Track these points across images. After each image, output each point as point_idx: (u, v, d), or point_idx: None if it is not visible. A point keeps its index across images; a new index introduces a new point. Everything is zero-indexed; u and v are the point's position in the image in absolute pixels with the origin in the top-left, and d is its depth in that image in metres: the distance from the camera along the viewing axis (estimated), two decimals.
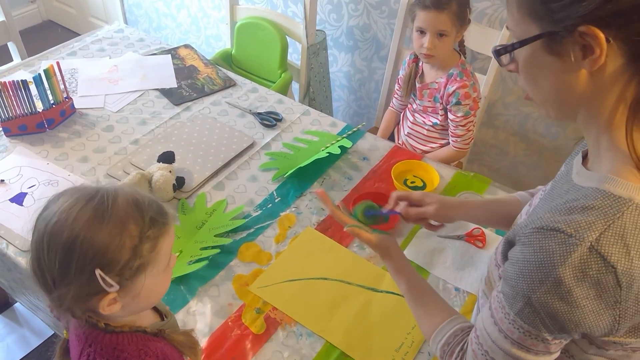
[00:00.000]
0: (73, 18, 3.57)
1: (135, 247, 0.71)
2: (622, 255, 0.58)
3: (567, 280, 0.60)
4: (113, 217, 0.71)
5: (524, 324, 0.66)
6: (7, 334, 1.87)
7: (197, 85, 1.82)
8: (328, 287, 1.20)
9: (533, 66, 0.66)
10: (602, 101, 0.63)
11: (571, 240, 0.60)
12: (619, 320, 0.61)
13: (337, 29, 2.41)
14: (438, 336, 0.84)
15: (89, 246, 0.69)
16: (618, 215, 0.59)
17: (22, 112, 1.53)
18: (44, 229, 0.70)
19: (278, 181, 1.46)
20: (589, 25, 0.57)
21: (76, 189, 0.74)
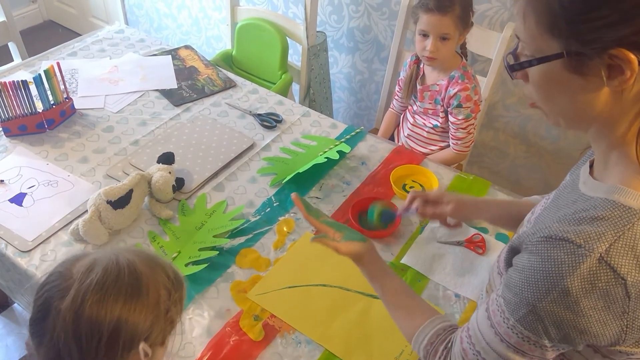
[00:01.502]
0: (74, 18, 3.57)
1: (169, 311, 0.71)
2: (633, 267, 0.58)
3: (574, 291, 0.60)
4: (151, 285, 0.69)
5: (524, 330, 0.66)
6: (6, 334, 1.87)
7: (197, 86, 1.82)
8: (327, 293, 1.19)
9: (550, 82, 0.65)
10: (620, 118, 0.63)
11: (580, 251, 0.59)
12: (626, 330, 0.61)
13: (338, 31, 2.41)
14: (420, 337, 0.83)
15: (136, 321, 0.66)
16: (628, 227, 0.59)
17: (22, 112, 1.53)
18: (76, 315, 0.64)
19: (276, 186, 1.46)
20: (621, 48, 0.57)
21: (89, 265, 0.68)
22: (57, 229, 1.29)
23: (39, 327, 0.67)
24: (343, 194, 1.45)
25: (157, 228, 1.32)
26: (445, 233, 1.33)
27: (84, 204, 1.34)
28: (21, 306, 1.58)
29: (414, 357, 1.08)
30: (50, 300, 0.66)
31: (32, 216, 1.32)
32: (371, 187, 1.47)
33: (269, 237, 1.32)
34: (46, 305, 0.66)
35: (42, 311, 0.67)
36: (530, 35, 0.63)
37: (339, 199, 1.43)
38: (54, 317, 0.65)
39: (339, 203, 1.42)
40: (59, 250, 1.25)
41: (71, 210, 1.34)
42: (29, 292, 1.30)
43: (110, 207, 1.24)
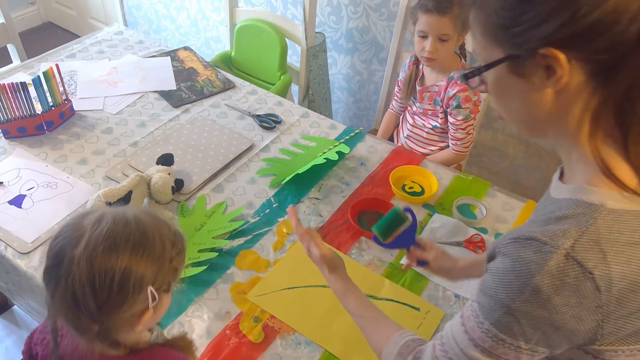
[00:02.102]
0: (73, 20, 3.57)
1: (172, 260, 0.76)
2: (599, 260, 0.59)
3: (545, 289, 0.60)
4: (156, 235, 0.74)
5: (499, 333, 0.66)
6: (6, 335, 1.87)
7: (196, 87, 1.82)
8: (327, 294, 1.19)
9: (501, 88, 0.69)
10: (568, 117, 0.65)
11: (546, 248, 0.60)
12: (602, 325, 0.62)
13: (337, 31, 2.41)
14: (390, 347, 0.85)
15: (144, 267, 0.71)
16: (591, 222, 0.61)
17: (21, 114, 1.53)
18: (89, 260, 0.69)
19: (276, 187, 1.46)
20: (548, 47, 0.60)
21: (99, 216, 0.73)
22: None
23: (54, 274, 0.71)
24: (342, 194, 1.45)
25: None
26: (444, 233, 1.33)
27: (83, 205, 1.34)
28: (21, 308, 1.58)
29: None
30: (64, 248, 0.71)
31: (32, 218, 1.32)
32: (370, 188, 1.47)
33: (268, 238, 1.32)
34: (60, 254, 0.71)
35: (57, 259, 0.71)
36: (480, 46, 0.68)
37: (338, 199, 1.43)
38: (69, 263, 0.69)
39: (338, 204, 1.42)
40: None
41: (70, 211, 1.34)
42: (28, 295, 1.31)
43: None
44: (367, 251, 1.30)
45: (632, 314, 0.62)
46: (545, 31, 0.59)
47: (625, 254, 0.60)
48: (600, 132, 0.63)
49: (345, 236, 1.33)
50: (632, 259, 0.60)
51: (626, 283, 0.60)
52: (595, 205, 0.62)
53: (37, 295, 1.27)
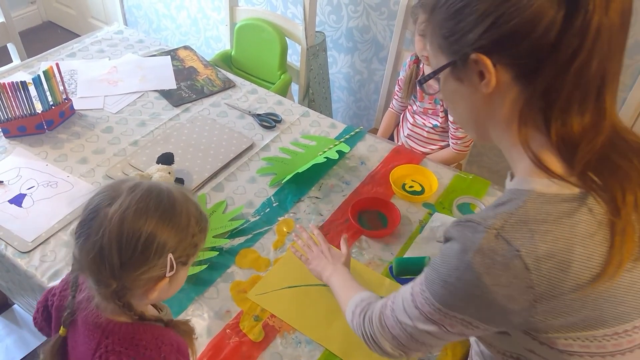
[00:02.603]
0: (73, 19, 3.57)
1: (194, 236, 0.81)
2: (526, 239, 0.63)
3: (477, 266, 0.65)
4: (183, 210, 0.79)
5: (435, 302, 0.72)
6: (6, 335, 1.87)
7: (196, 86, 1.82)
8: (327, 293, 1.19)
9: (447, 92, 0.76)
10: (501, 117, 0.71)
11: (479, 228, 0.66)
12: (535, 305, 0.64)
13: (337, 31, 2.41)
14: (349, 306, 0.96)
15: (168, 235, 0.76)
16: (521, 205, 0.65)
17: (21, 113, 1.53)
18: (121, 218, 0.73)
19: (276, 186, 1.46)
20: (477, 53, 0.66)
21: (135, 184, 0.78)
22: (57, 230, 1.29)
23: (87, 226, 0.75)
24: (342, 193, 1.45)
25: None
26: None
27: (83, 205, 1.34)
28: (21, 307, 1.58)
29: (414, 357, 1.09)
30: (100, 205, 0.76)
31: (32, 217, 1.32)
32: (370, 187, 1.47)
33: (268, 237, 1.32)
34: (96, 209, 0.76)
35: (92, 213, 0.76)
36: (432, 55, 0.75)
37: (338, 198, 1.43)
38: (102, 219, 0.74)
39: (338, 203, 1.42)
40: (58, 251, 1.25)
41: (71, 211, 1.34)
42: (29, 293, 1.31)
43: None
44: (368, 250, 1.30)
45: (564, 295, 0.63)
46: (473, 38, 0.66)
47: (553, 233, 0.63)
48: (529, 128, 0.68)
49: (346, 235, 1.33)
50: (559, 238, 0.63)
51: (554, 262, 0.63)
52: (526, 191, 0.67)
53: (37, 295, 1.27)
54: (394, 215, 1.35)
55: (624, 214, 0.64)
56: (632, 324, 0.67)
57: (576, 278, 0.63)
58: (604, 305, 0.65)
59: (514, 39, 0.63)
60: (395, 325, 0.81)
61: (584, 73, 0.63)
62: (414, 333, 0.78)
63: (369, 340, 0.88)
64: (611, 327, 0.66)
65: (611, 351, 0.68)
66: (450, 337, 0.75)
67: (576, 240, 0.63)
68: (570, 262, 0.63)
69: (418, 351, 0.82)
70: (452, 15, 0.68)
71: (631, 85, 1.79)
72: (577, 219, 0.64)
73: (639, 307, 0.67)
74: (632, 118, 1.83)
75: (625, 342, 0.68)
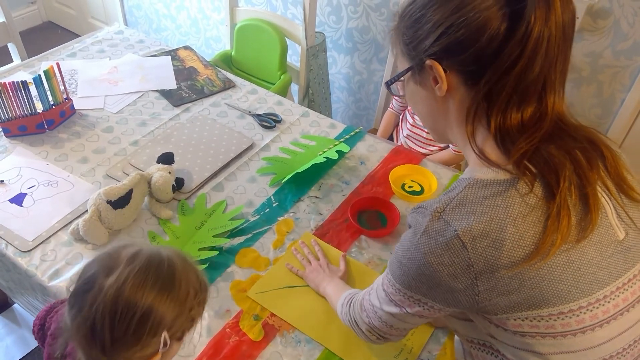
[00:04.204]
0: (73, 19, 3.57)
1: (192, 309, 0.78)
2: (464, 220, 0.69)
3: (422, 247, 0.72)
4: (183, 282, 0.76)
5: (395, 283, 0.79)
6: (6, 334, 1.87)
7: (196, 86, 1.83)
8: None
9: (409, 95, 0.83)
10: (455, 118, 0.78)
11: (426, 212, 0.73)
12: (476, 282, 0.70)
13: (337, 31, 2.41)
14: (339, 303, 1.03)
15: (165, 310, 0.73)
16: (461, 190, 0.72)
17: (22, 112, 1.54)
18: (117, 293, 0.70)
19: (276, 186, 1.47)
20: (431, 59, 0.73)
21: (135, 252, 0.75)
22: (57, 229, 1.30)
23: (82, 298, 0.72)
24: (342, 193, 1.46)
25: (157, 228, 1.33)
26: None
27: (84, 204, 1.35)
28: (21, 306, 1.58)
29: (413, 355, 1.09)
30: (97, 275, 0.73)
31: (32, 216, 1.32)
32: (370, 187, 1.47)
33: (268, 237, 1.33)
34: (92, 280, 0.73)
35: (87, 284, 0.73)
36: (398, 61, 0.82)
37: (338, 198, 1.44)
38: (97, 292, 0.71)
39: (338, 202, 1.42)
40: (59, 250, 1.25)
41: (71, 210, 1.34)
42: (29, 293, 1.31)
43: (110, 207, 1.25)
44: (367, 250, 1.30)
45: (500, 272, 0.69)
46: (427, 45, 0.73)
47: (487, 214, 0.69)
48: (475, 125, 0.75)
49: (345, 235, 1.34)
50: (493, 218, 0.68)
51: (489, 240, 0.68)
52: (467, 178, 0.74)
53: (37, 294, 1.27)
54: (394, 215, 1.36)
55: (558, 198, 0.68)
56: (577, 304, 0.70)
57: (509, 256, 0.68)
58: (543, 284, 0.69)
59: (462, 47, 0.70)
60: (369, 308, 0.88)
61: (525, 78, 0.69)
62: (382, 316, 0.85)
63: (353, 324, 0.95)
64: (555, 307, 0.70)
65: (561, 331, 0.71)
66: (411, 320, 0.82)
67: (509, 221, 0.68)
68: (503, 240, 0.68)
69: (390, 335, 0.89)
70: (412, 24, 0.75)
71: (630, 86, 1.79)
72: (510, 201, 0.69)
73: (580, 287, 0.70)
74: (631, 119, 1.84)
75: (573, 323, 0.71)
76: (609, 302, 0.72)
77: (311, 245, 1.29)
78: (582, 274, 0.70)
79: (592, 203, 0.70)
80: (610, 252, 0.72)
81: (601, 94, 1.87)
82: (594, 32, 1.77)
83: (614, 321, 0.72)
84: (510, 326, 0.72)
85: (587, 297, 0.70)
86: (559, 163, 0.70)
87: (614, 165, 0.75)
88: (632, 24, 1.70)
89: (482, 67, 0.70)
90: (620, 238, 0.73)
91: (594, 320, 0.71)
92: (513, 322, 0.72)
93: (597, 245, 0.71)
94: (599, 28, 1.75)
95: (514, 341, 0.73)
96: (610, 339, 0.73)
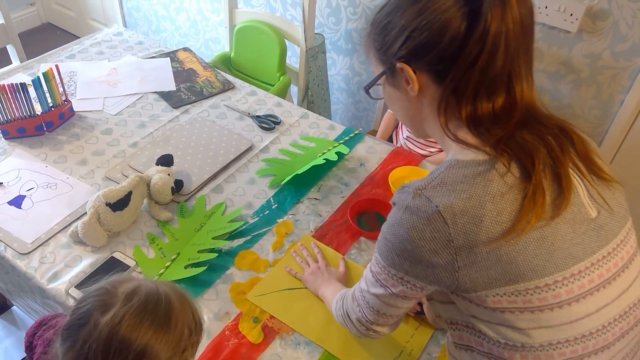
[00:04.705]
0: (72, 21, 3.57)
1: (185, 351, 0.76)
2: (444, 196, 0.73)
3: (405, 222, 0.75)
4: (179, 322, 0.75)
5: (380, 260, 0.82)
6: (5, 336, 1.87)
7: (195, 88, 1.82)
8: None
9: (386, 97, 0.87)
10: (429, 114, 0.82)
11: (409, 190, 0.77)
12: (456, 258, 0.73)
13: (336, 33, 2.41)
14: (334, 301, 1.04)
15: (158, 352, 0.71)
16: (443, 170, 0.76)
17: (20, 114, 1.54)
18: (111, 332, 0.69)
19: (275, 187, 1.47)
20: (401, 62, 0.78)
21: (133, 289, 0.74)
22: (56, 231, 1.29)
23: (75, 333, 0.70)
24: (341, 195, 1.45)
25: (156, 230, 1.33)
26: None
27: (83, 206, 1.34)
28: (20, 308, 1.58)
29: (413, 357, 1.09)
30: (92, 311, 0.71)
31: (31, 218, 1.32)
32: (369, 188, 1.47)
33: (267, 239, 1.33)
34: (87, 315, 0.71)
35: (82, 319, 0.71)
36: (373, 66, 0.86)
37: (337, 200, 1.44)
38: (92, 328, 0.69)
39: (337, 204, 1.42)
40: (58, 253, 1.25)
41: (70, 212, 1.34)
42: (28, 295, 1.31)
43: (109, 209, 1.25)
44: (367, 251, 1.30)
45: (479, 247, 0.72)
46: (396, 49, 0.77)
47: (467, 192, 0.72)
48: (447, 116, 0.78)
49: (345, 236, 1.33)
50: (472, 196, 0.72)
51: (469, 217, 0.72)
52: (448, 160, 0.78)
53: (36, 296, 1.27)
54: None
55: (534, 179, 0.72)
56: (552, 278, 0.73)
57: (488, 232, 0.71)
58: (519, 259, 0.72)
59: (427, 49, 0.74)
60: (359, 295, 0.91)
61: (488, 71, 0.73)
62: (370, 300, 0.87)
63: (345, 317, 0.97)
64: (531, 281, 0.72)
65: (538, 306, 0.73)
66: (396, 302, 0.84)
67: (487, 198, 0.72)
68: (482, 216, 0.71)
69: (377, 325, 0.90)
70: (381, 30, 0.80)
71: (629, 87, 1.79)
72: (489, 180, 0.73)
73: (555, 261, 0.73)
74: (630, 120, 1.84)
75: (550, 297, 0.73)
76: (584, 277, 0.74)
77: (310, 248, 1.29)
78: (556, 249, 0.73)
79: (565, 183, 0.74)
80: (584, 229, 0.75)
81: (600, 96, 1.87)
82: (593, 34, 1.77)
83: (590, 297, 0.74)
84: (490, 303, 0.74)
85: (562, 272, 0.73)
86: (533, 147, 0.75)
87: (583, 149, 0.79)
88: (631, 26, 1.70)
89: (447, 66, 0.75)
90: (592, 216, 0.76)
91: (570, 294, 0.73)
92: (492, 299, 0.74)
93: (570, 222, 0.74)
94: (598, 29, 1.75)
95: (494, 318, 0.75)
96: (588, 315, 0.75)
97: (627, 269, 0.78)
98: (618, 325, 0.77)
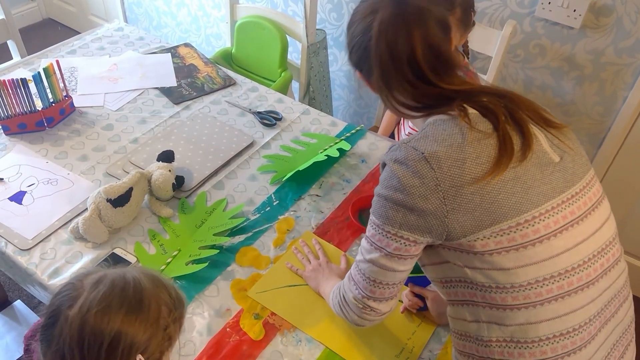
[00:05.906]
0: (73, 16, 3.56)
1: (167, 328, 0.75)
2: (429, 145, 0.84)
3: (396, 172, 0.84)
4: (152, 300, 0.74)
5: (375, 220, 0.87)
6: (6, 332, 1.87)
7: (197, 84, 1.82)
8: None
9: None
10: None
11: (395, 146, 0.87)
12: (445, 202, 0.81)
13: (338, 28, 2.40)
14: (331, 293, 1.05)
15: (135, 333, 0.70)
16: (425, 128, 0.88)
17: (21, 110, 1.53)
18: (82, 322, 0.68)
19: (276, 184, 1.46)
20: (355, 69, 0.98)
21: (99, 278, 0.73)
22: (57, 227, 1.29)
23: (49, 333, 0.70)
24: (343, 191, 1.45)
25: (157, 226, 1.32)
26: None
27: (83, 202, 1.34)
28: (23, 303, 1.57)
29: (414, 355, 1.09)
30: (61, 307, 0.71)
31: (32, 214, 1.32)
32: (371, 185, 1.47)
33: (269, 235, 1.32)
34: (56, 313, 0.71)
35: (52, 318, 0.71)
36: None
37: (339, 196, 1.43)
38: (62, 324, 0.69)
39: (339, 201, 1.42)
40: (58, 249, 1.25)
41: (71, 208, 1.34)
42: (30, 289, 1.30)
43: (110, 206, 1.24)
44: None
45: (464, 188, 0.81)
46: (349, 59, 0.98)
47: (448, 140, 0.84)
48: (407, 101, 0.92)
49: (346, 233, 1.33)
50: (453, 143, 0.83)
51: (452, 161, 0.81)
52: (428, 121, 0.90)
53: (39, 291, 1.27)
54: None
55: (501, 129, 0.84)
56: (530, 214, 0.81)
57: (471, 172, 0.81)
58: (499, 197, 0.81)
59: (364, 59, 0.93)
60: (355, 271, 0.93)
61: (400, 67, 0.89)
62: (366, 270, 0.90)
63: (342, 302, 0.97)
64: (512, 218, 0.81)
65: (521, 242, 0.80)
66: (392, 263, 0.87)
67: (466, 143, 0.83)
68: (464, 159, 0.81)
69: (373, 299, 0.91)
70: (347, 41, 0.98)
71: (632, 84, 1.79)
72: (465, 129, 0.84)
73: (530, 198, 0.81)
74: (633, 116, 1.83)
75: (530, 233, 0.81)
76: (557, 213, 0.82)
77: (312, 244, 1.29)
78: (529, 187, 0.82)
79: (526, 130, 0.85)
80: (550, 170, 0.85)
81: (603, 92, 1.86)
82: (596, 30, 1.76)
83: (566, 232, 0.82)
84: (479, 246, 0.81)
85: (538, 208, 0.81)
86: (494, 106, 0.87)
87: (532, 107, 0.90)
88: (634, 22, 1.69)
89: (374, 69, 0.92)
90: (556, 161, 0.86)
91: (548, 229, 0.81)
92: (481, 242, 0.81)
93: (537, 165, 0.84)
94: (601, 25, 1.74)
95: (484, 263, 0.81)
96: (567, 250, 0.82)
97: (596, 209, 0.87)
98: (598, 261, 0.85)
